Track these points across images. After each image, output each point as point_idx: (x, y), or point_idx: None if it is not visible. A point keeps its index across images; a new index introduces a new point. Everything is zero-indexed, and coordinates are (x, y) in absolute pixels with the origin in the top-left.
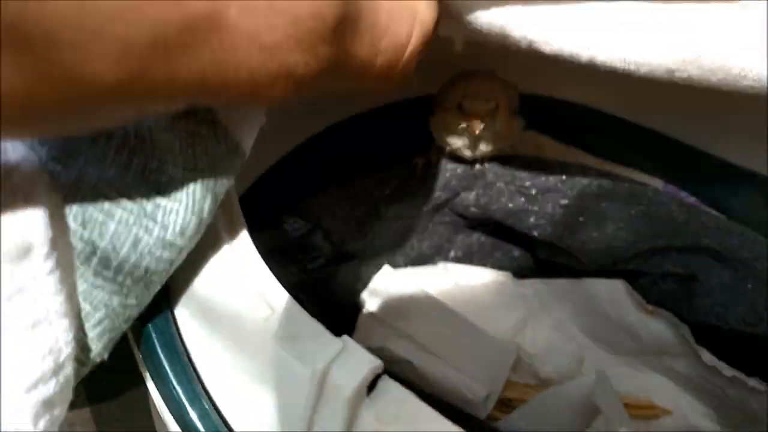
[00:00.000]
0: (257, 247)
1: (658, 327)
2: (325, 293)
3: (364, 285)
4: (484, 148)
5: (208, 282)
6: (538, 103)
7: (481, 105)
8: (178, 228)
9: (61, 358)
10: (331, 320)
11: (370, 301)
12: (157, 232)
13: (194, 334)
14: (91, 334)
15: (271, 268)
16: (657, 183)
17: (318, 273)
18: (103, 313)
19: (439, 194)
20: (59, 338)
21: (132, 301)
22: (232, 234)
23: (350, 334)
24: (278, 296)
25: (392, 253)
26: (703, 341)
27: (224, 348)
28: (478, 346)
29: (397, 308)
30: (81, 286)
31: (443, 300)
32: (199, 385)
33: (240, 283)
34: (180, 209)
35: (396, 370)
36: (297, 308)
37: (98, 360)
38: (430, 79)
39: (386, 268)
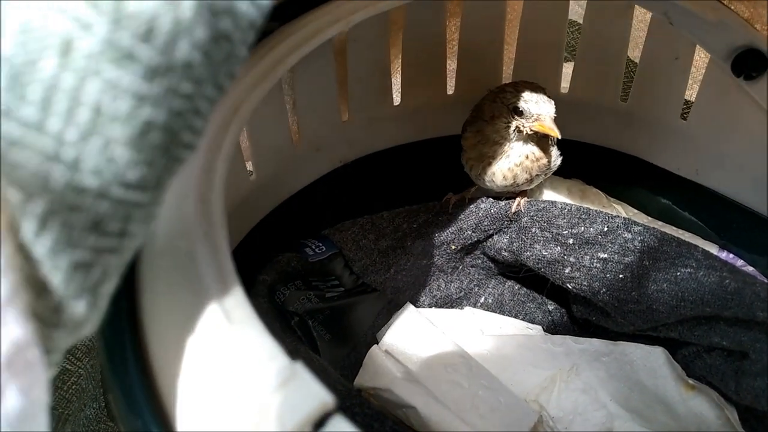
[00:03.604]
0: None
1: (698, 404)
2: (341, 324)
3: (384, 321)
4: (524, 158)
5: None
6: (586, 150)
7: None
8: None
9: None
10: (344, 353)
11: (387, 338)
12: None
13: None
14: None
15: (286, 292)
16: (711, 249)
17: (336, 302)
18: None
19: (470, 234)
20: None
21: None
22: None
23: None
24: (238, 306)
25: (416, 291)
26: (751, 427)
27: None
28: (496, 403)
29: (413, 350)
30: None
31: (465, 348)
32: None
33: (198, 287)
34: None
35: (399, 414)
36: (255, 322)
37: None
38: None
39: (408, 307)
